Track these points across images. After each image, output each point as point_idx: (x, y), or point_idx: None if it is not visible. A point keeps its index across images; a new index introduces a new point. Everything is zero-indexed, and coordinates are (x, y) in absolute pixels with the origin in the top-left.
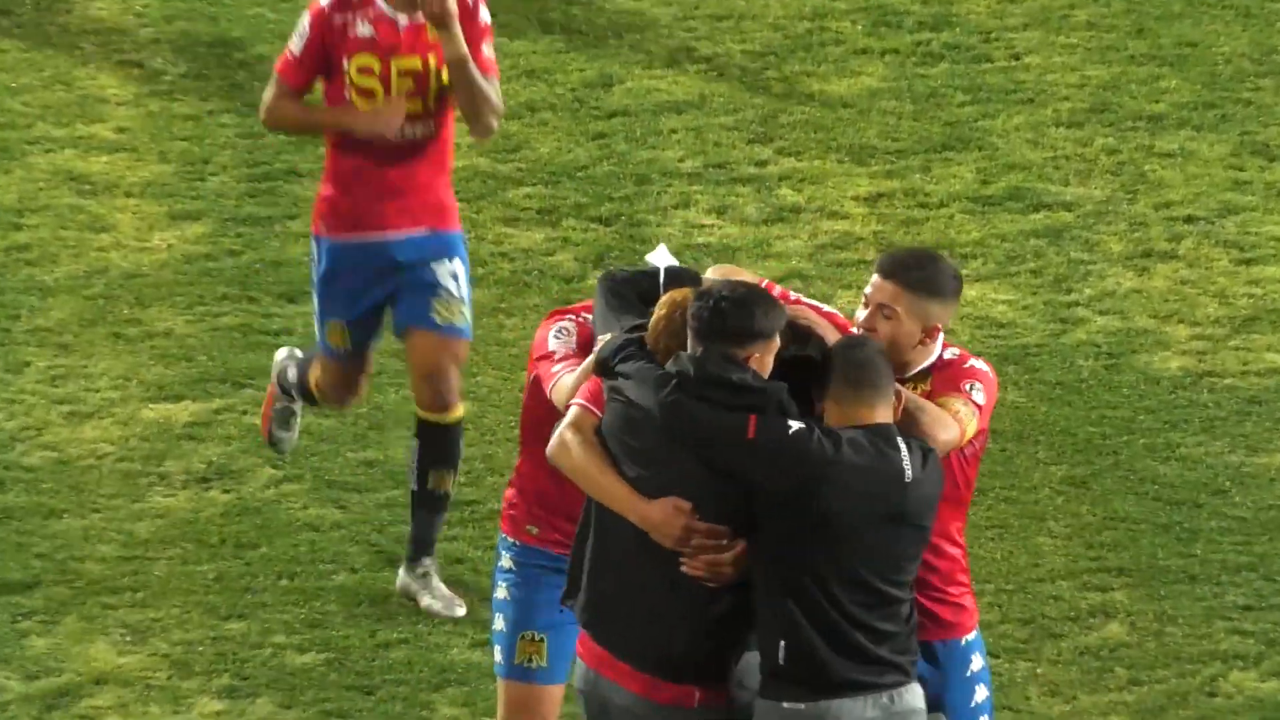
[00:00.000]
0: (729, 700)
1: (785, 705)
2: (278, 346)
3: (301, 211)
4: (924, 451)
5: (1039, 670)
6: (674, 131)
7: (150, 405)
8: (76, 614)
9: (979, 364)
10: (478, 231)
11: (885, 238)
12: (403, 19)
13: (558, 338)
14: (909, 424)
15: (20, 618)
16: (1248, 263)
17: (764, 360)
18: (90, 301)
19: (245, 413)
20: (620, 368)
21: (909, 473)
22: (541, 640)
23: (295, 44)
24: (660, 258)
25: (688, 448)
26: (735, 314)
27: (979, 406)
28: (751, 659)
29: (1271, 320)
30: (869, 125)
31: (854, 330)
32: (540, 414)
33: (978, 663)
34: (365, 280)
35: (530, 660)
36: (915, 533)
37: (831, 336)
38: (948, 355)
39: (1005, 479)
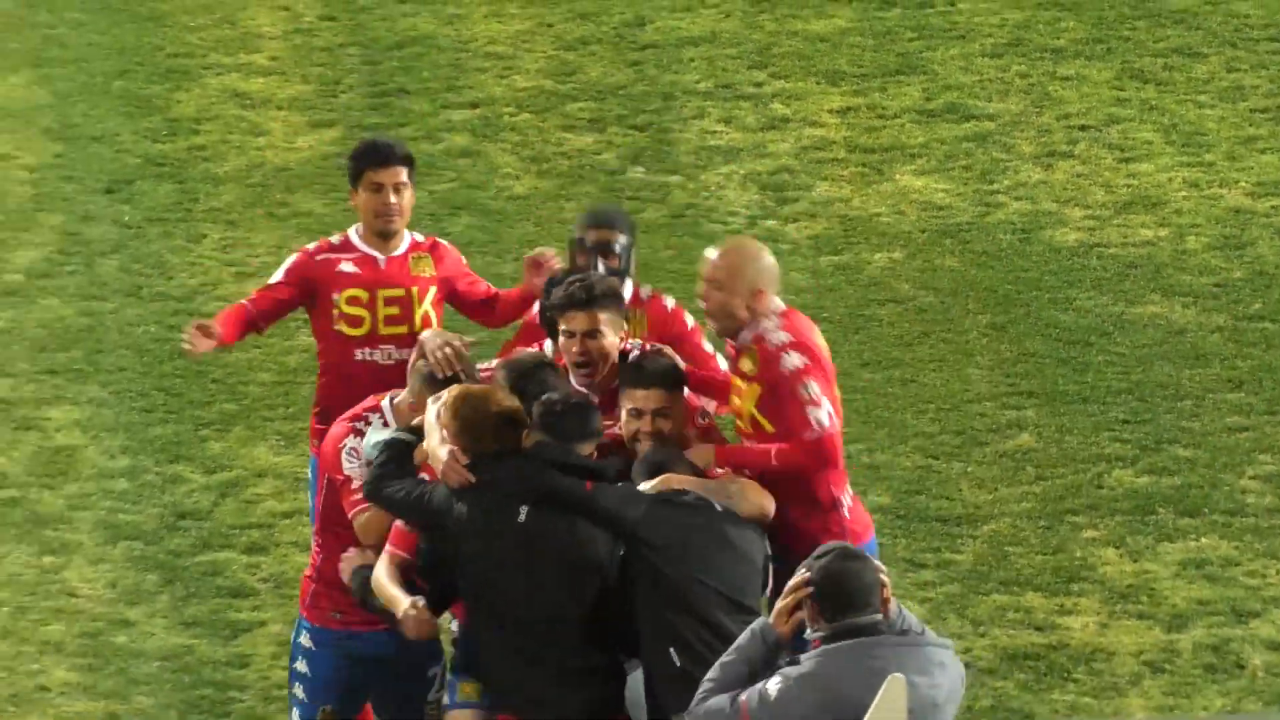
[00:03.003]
0: None
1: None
2: None
3: (410, 121)
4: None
5: (969, 469)
6: (692, 60)
7: None
8: (243, 424)
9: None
10: (543, 136)
11: (853, 141)
12: (381, 257)
13: (348, 460)
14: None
15: (201, 427)
16: (1127, 160)
17: (592, 451)
18: (251, 189)
19: None
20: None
21: (717, 506)
22: (334, 713)
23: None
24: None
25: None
26: (582, 421)
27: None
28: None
29: (1144, 204)
30: (840, 55)
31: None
32: (333, 515)
33: None
34: None
35: None
36: (742, 558)
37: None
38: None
39: (943, 325)
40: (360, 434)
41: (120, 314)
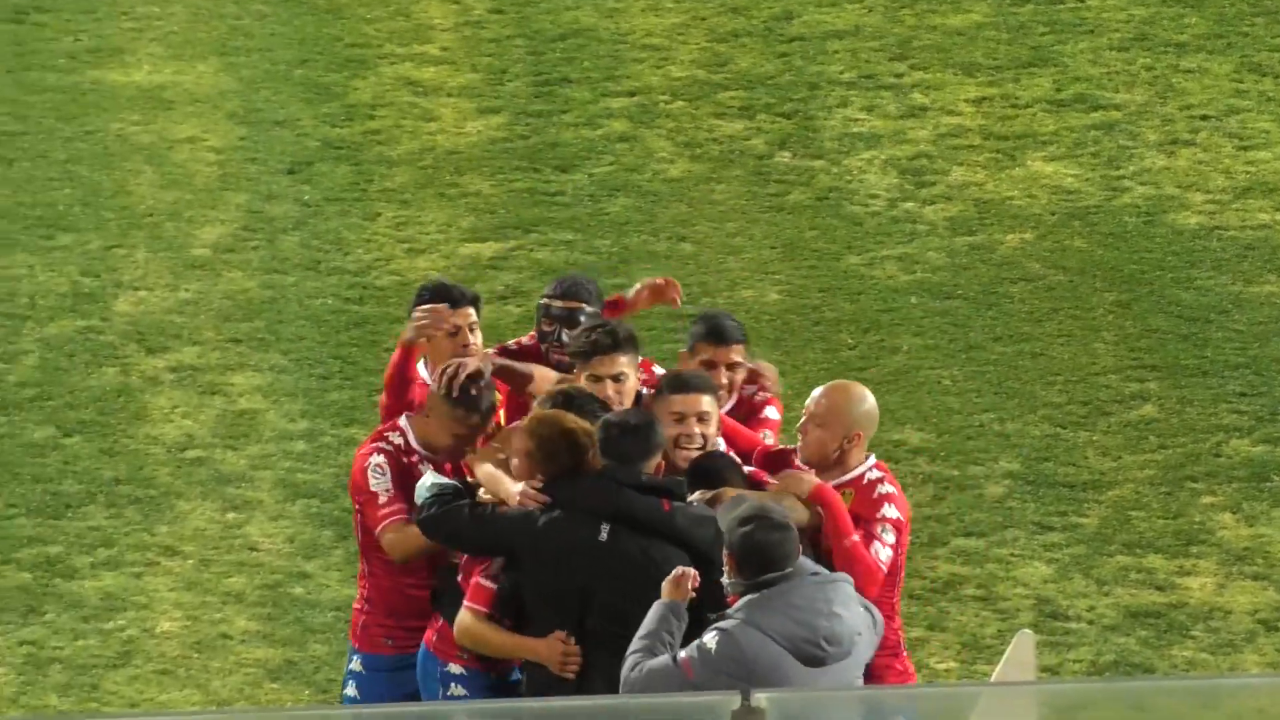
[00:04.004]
0: None
1: None
2: (554, 205)
3: (571, 108)
4: None
5: (1095, 438)
6: (837, 52)
7: (465, 244)
8: None
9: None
10: (696, 122)
11: (987, 129)
12: None
13: (375, 476)
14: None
15: (374, 393)
16: (1245, 149)
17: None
18: (423, 170)
19: (531, 250)
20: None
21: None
22: None
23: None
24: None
25: (627, 541)
26: (644, 439)
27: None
28: None
29: (1262, 190)
30: (976, 48)
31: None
32: (373, 542)
33: None
34: None
35: None
36: None
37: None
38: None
39: (1071, 302)
40: (384, 452)
41: (300, 287)
